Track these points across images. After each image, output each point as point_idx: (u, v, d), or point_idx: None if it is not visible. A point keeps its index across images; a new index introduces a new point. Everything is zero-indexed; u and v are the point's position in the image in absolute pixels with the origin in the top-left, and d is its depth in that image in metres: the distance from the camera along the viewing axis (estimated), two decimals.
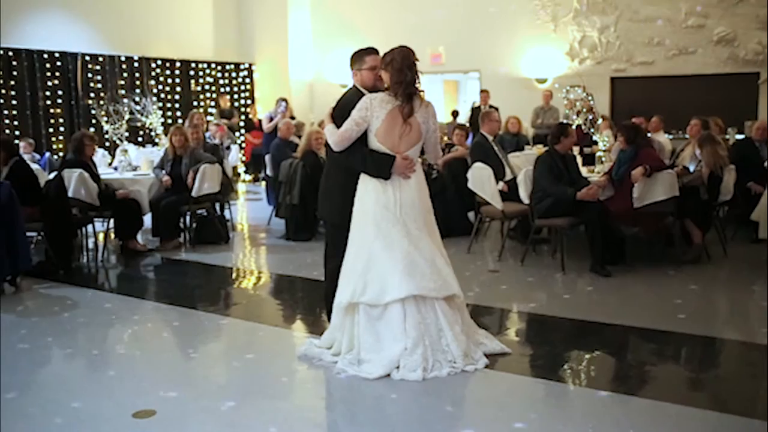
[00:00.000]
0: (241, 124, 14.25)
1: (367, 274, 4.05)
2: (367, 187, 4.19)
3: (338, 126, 4.26)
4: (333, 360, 4.18)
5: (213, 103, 14.58)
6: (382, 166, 4.14)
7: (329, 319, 4.50)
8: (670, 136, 10.70)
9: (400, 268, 3.99)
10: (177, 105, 14.15)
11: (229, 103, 14.41)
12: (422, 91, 4.25)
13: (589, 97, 8.90)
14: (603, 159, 7.88)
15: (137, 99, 10.45)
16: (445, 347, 4.04)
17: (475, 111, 12.76)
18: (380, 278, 4.02)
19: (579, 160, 7.73)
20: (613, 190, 6.59)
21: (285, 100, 12.61)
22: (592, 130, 8.19)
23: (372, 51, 4.37)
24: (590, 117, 8.17)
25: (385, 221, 4.10)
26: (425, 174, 4.58)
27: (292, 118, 11.93)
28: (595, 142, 8.39)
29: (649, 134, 8.71)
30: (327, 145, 4.40)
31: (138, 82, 13.31)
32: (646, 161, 6.40)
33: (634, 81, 12.93)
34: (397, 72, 4.09)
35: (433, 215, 4.36)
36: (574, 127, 8.63)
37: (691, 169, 7.00)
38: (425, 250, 4.11)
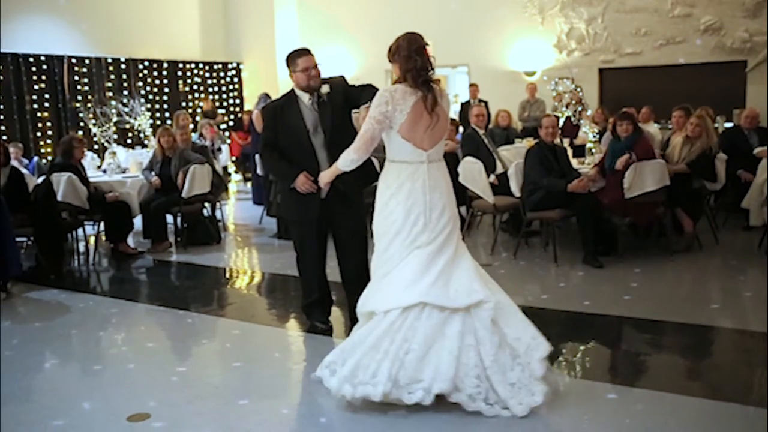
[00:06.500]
0: (224, 126, 14.10)
1: None
2: None
3: (264, 128, 4.52)
4: None
5: (201, 104, 14.51)
6: (286, 178, 4.51)
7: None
8: (659, 126, 10.73)
9: None
10: (165, 106, 14.07)
11: (212, 104, 14.32)
12: (438, 79, 3.90)
13: (578, 89, 8.91)
14: (593, 150, 7.90)
15: (125, 101, 10.41)
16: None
17: (464, 105, 12.76)
18: None
19: (569, 152, 7.73)
20: (604, 181, 6.60)
21: (267, 95, 12.52)
22: (581, 121, 8.21)
23: (304, 52, 4.49)
24: (579, 109, 8.18)
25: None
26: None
27: None
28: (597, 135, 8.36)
29: (639, 125, 8.72)
30: (262, 148, 4.59)
31: (125, 84, 13.23)
32: (638, 151, 6.42)
33: (623, 72, 12.93)
34: (405, 59, 3.66)
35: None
36: (563, 118, 8.64)
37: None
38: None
